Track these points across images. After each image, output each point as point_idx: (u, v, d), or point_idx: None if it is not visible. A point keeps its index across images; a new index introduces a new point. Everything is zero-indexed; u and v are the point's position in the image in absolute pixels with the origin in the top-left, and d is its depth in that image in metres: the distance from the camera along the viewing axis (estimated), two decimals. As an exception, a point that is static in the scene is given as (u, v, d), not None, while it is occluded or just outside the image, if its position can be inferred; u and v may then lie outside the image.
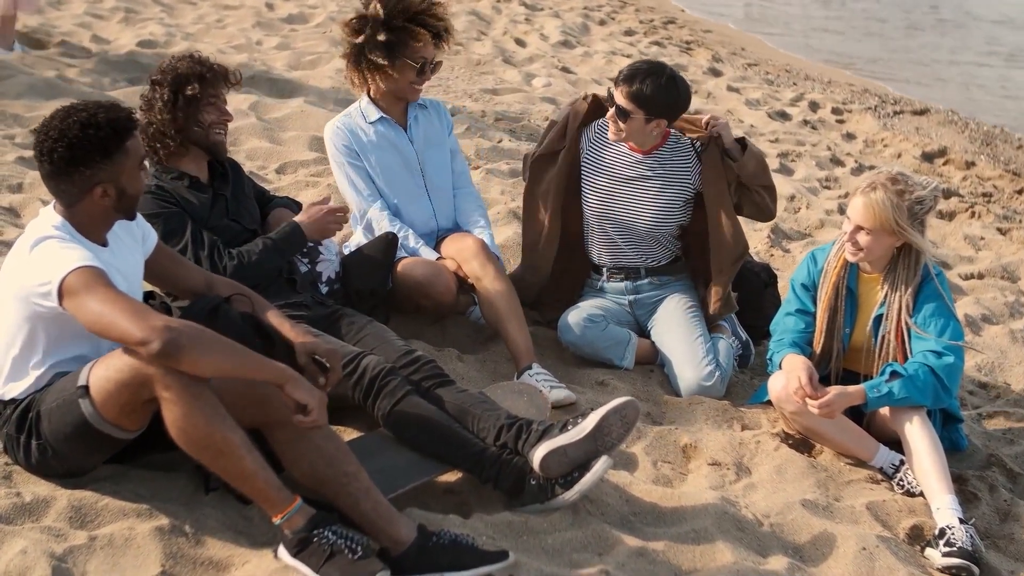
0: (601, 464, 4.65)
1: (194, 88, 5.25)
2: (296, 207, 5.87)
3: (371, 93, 6.22)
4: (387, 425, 4.89)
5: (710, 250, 6.17)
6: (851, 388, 5.30)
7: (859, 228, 5.34)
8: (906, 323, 5.40)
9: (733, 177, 6.06)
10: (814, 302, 5.62)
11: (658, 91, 5.90)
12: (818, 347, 5.60)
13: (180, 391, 3.96)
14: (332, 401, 4.81)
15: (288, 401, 4.10)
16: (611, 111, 6.00)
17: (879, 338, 5.47)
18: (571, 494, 4.62)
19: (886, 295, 5.45)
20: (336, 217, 5.62)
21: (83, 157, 4.17)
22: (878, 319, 5.47)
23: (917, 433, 5.23)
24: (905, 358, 5.40)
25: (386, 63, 6.03)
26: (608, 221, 6.22)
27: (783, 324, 5.69)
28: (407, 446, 4.85)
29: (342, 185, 6.25)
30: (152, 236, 4.74)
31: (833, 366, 5.60)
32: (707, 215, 6.15)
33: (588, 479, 4.62)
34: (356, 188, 6.15)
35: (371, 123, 6.20)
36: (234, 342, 4.08)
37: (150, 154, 5.32)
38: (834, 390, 5.27)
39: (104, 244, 4.37)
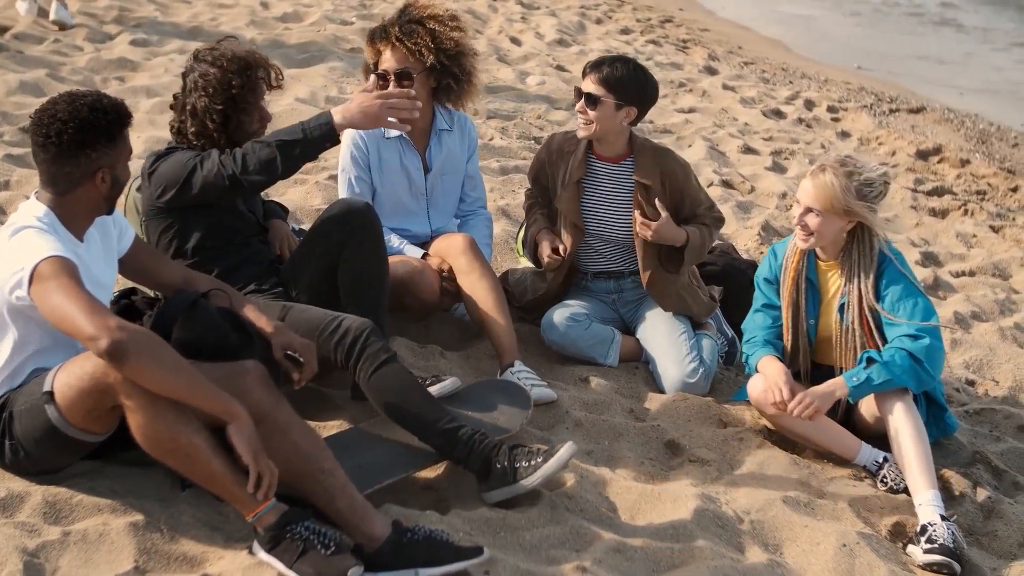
0: (565, 450, 4.65)
1: (247, 103, 5.14)
2: (283, 211, 5.86)
3: None
4: (367, 389, 4.85)
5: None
6: (830, 383, 5.29)
7: (808, 210, 5.34)
8: (870, 309, 5.39)
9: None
10: (779, 295, 5.62)
11: (627, 74, 5.92)
12: (787, 344, 5.60)
13: (142, 398, 3.96)
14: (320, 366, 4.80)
15: (229, 440, 4.05)
16: (580, 103, 5.96)
17: (844, 328, 5.46)
18: (534, 479, 4.62)
19: (845, 283, 5.44)
20: (394, 103, 4.99)
21: (92, 139, 4.22)
22: (842, 308, 5.46)
23: (902, 424, 5.21)
24: (874, 345, 5.39)
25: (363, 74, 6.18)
26: (587, 234, 6.18)
27: (752, 321, 5.70)
28: (383, 412, 4.83)
29: (340, 187, 6.22)
30: (129, 233, 4.75)
31: (801, 362, 5.59)
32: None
33: (551, 464, 4.62)
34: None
35: (388, 139, 6.15)
36: (190, 366, 4.05)
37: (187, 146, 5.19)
38: (813, 392, 5.26)
39: (81, 239, 4.38)
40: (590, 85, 5.94)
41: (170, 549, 4.14)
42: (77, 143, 4.20)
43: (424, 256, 6.05)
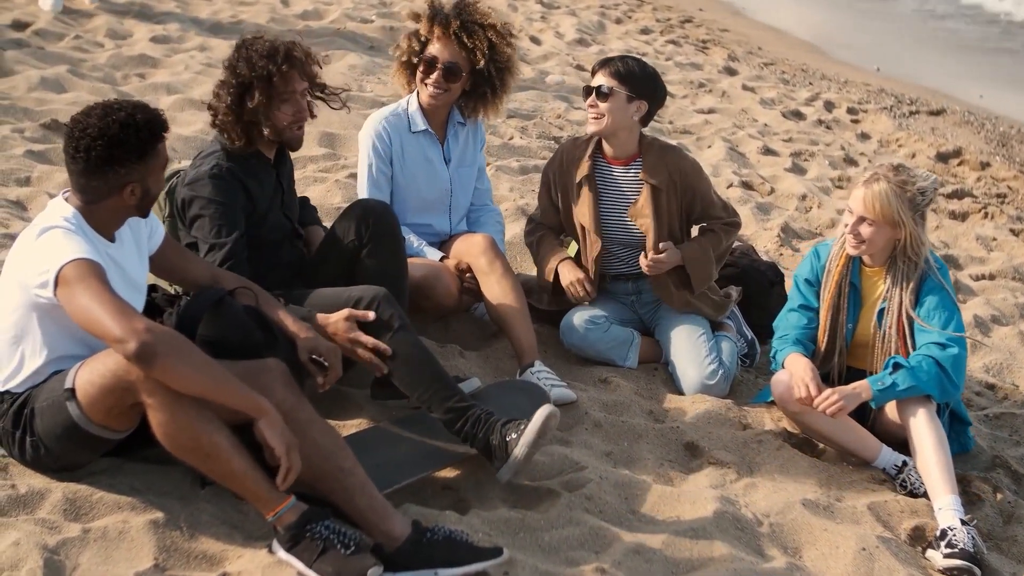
0: (539, 413, 4.70)
1: (259, 99, 5.03)
2: (310, 209, 5.85)
3: (420, 98, 6.13)
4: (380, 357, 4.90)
5: None
6: (856, 384, 5.29)
7: (862, 219, 5.35)
8: (908, 316, 5.39)
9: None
10: (817, 297, 5.62)
11: (638, 68, 5.97)
12: (822, 345, 5.59)
13: (164, 397, 3.98)
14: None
15: (259, 436, 4.07)
16: (590, 98, 5.95)
17: (881, 334, 5.45)
18: (520, 449, 4.65)
19: (887, 289, 5.44)
20: (362, 357, 4.91)
21: (120, 156, 4.19)
22: (881, 313, 5.45)
23: (924, 429, 5.20)
24: (907, 353, 5.38)
25: (404, 54, 6.09)
26: (604, 238, 6.16)
27: (786, 320, 5.68)
28: (395, 381, 4.87)
29: (360, 179, 6.21)
30: (159, 231, 4.74)
31: (836, 363, 5.58)
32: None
33: (530, 430, 4.67)
34: (369, 191, 6.10)
35: (414, 133, 6.15)
36: (218, 365, 4.07)
37: (225, 138, 5.14)
38: (840, 390, 5.26)
39: (112, 240, 4.38)
40: (601, 79, 5.94)
41: (190, 547, 4.16)
42: (105, 159, 4.18)
43: (442, 259, 6.05)
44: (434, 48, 6.00)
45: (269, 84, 5.04)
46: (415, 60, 6.06)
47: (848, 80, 14.68)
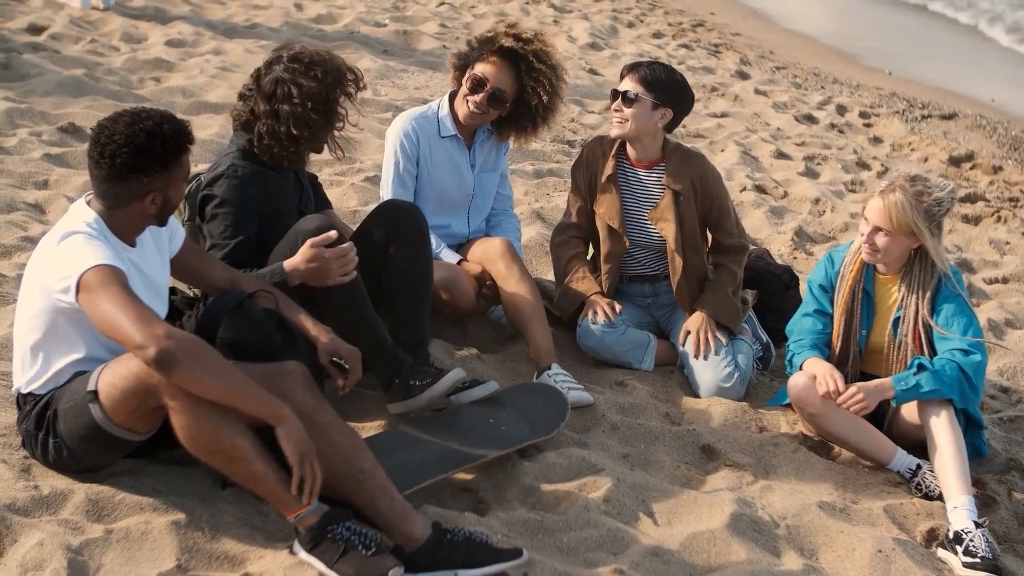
0: (447, 378, 5.04)
1: (341, 112, 5.20)
2: (319, 191, 5.87)
3: (456, 107, 6.15)
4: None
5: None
6: (879, 381, 5.31)
7: (877, 229, 5.36)
8: (925, 324, 5.40)
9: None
10: (831, 303, 5.63)
11: (664, 74, 5.99)
12: (836, 350, 5.60)
13: (186, 399, 4.00)
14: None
15: (279, 443, 4.10)
16: (615, 103, 5.99)
17: (897, 342, 5.47)
18: (420, 399, 5.05)
19: (903, 297, 5.45)
20: (344, 261, 5.02)
21: (145, 165, 4.21)
22: (897, 321, 5.47)
23: (943, 431, 5.20)
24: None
25: (455, 70, 6.11)
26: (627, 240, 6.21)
27: (800, 325, 5.69)
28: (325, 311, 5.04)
29: (385, 176, 6.21)
30: (180, 234, 4.76)
31: (849, 369, 5.59)
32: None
33: (435, 389, 5.03)
34: (394, 187, 6.12)
35: (443, 137, 6.17)
36: (238, 371, 4.09)
37: (267, 154, 5.18)
38: (863, 386, 5.28)
39: (133, 245, 4.41)
40: (628, 84, 5.97)
41: (211, 548, 4.18)
42: (129, 167, 4.20)
43: (460, 262, 6.08)
44: (489, 68, 5.99)
45: (343, 105, 5.20)
46: (461, 67, 6.09)
47: (860, 84, 14.68)
